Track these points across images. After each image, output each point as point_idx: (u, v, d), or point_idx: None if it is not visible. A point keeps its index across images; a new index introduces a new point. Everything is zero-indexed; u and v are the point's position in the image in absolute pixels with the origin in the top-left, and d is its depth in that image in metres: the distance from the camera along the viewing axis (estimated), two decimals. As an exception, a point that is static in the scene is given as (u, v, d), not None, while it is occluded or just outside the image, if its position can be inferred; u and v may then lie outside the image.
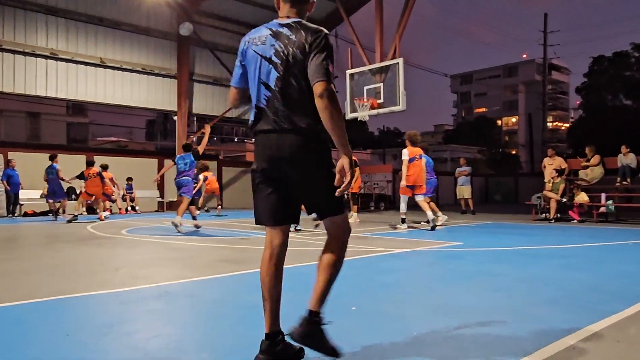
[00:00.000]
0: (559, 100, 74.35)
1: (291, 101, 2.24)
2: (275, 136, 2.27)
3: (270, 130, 2.28)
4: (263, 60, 2.30)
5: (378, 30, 14.88)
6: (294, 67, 2.24)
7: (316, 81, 2.16)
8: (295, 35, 2.27)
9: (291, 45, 2.25)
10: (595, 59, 36.65)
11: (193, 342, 2.66)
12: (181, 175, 9.45)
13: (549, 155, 13.76)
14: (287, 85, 2.25)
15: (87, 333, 2.80)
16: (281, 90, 2.25)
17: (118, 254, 6.18)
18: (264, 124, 2.31)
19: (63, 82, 16.18)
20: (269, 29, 2.34)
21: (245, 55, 2.38)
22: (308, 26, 2.32)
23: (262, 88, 2.31)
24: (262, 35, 2.34)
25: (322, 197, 2.32)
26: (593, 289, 3.99)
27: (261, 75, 2.31)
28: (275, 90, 2.27)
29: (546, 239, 8.13)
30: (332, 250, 2.42)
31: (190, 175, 9.58)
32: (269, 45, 2.30)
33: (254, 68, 2.34)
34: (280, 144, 2.25)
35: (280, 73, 2.26)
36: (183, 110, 18.70)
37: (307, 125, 2.23)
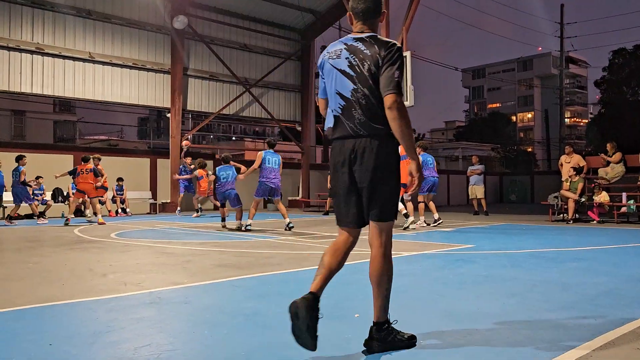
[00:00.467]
0: (577, 95, 74.20)
1: (366, 110, 2.57)
2: (350, 141, 2.60)
3: (346, 137, 2.63)
4: (338, 73, 2.64)
5: (384, 22, 14.86)
6: (369, 79, 2.55)
7: (387, 93, 2.48)
8: (370, 49, 2.57)
9: (366, 59, 2.56)
10: (615, 52, 36.54)
11: (186, 352, 2.66)
12: (226, 188, 10.72)
13: (566, 152, 13.73)
14: (362, 95, 2.57)
15: (72, 342, 2.80)
16: (356, 100, 2.58)
17: (107, 258, 6.19)
18: (339, 131, 2.66)
19: (49, 78, 16.22)
20: (344, 44, 2.67)
21: (323, 69, 2.75)
22: (381, 40, 2.60)
23: (337, 98, 2.65)
24: (337, 50, 2.68)
25: (383, 200, 2.60)
26: (611, 294, 3.97)
27: (337, 86, 2.65)
28: (351, 100, 2.60)
29: (563, 241, 8.11)
30: (381, 265, 2.65)
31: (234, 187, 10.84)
32: (343, 59, 2.63)
33: (330, 80, 2.69)
34: (356, 149, 2.58)
35: (355, 84, 2.58)
36: (177, 107, 18.72)
37: (381, 131, 2.56)
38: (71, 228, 11.09)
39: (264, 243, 7.94)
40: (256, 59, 21.52)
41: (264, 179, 9.77)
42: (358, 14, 2.69)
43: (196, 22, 19.33)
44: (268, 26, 21.67)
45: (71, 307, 3.67)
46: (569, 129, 64.41)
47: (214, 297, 4.04)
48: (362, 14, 2.68)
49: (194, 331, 3.03)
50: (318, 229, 10.56)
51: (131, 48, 18.02)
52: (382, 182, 2.58)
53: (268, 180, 9.75)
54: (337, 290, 4.25)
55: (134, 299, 3.92)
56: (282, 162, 10.17)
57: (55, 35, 16.36)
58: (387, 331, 2.64)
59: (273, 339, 2.85)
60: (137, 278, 4.79)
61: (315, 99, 27.28)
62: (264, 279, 4.75)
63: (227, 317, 3.33)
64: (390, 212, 2.64)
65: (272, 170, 9.83)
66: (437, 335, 2.91)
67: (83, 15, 16.94)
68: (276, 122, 22.60)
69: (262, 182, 9.80)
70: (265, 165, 9.76)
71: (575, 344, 2.67)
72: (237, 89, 20.87)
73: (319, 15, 21.98)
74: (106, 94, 17.50)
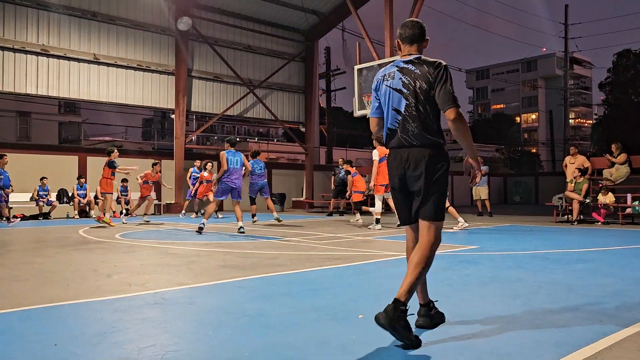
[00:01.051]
0: (582, 95, 74.01)
1: (418, 122, 2.93)
2: (405, 151, 2.97)
3: (401, 146, 2.99)
4: (394, 92, 3.02)
5: (388, 23, 14.87)
6: (421, 95, 2.92)
7: (448, 108, 2.85)
8: (419, 69, 2.95)
9: (417, 78, 2.93)
10: (619, 53, 36.42)
11: (191, 352, 2.65)
12: (262, 179, 11.98)
13: (570, 153, 13.71)
14: (415, 110, 2.94)
15: (77, 343, 2.81)
16: (410, 114, 2.95)
17: (111, 259, 6.19)
18: (395, 142, 3.02)
19: (55, 79, 16.29)
20: (396, 67, 3.05)
21: (379, 90, 3.12)
22: (428, 61, 2.97)
23: (394, 114, 3.02)
24: (391, 72, 3.06)
25: (434, 202, 2.93)
26: (617, 296, 3.95)
27: (393, 103, 3.02)
28: (405, 115, 2.96)
29: (568, 242, 8.08)
30: (423, 251, 2.89)
31: (265, 177, 12.07)
32: (397, 79, 3.01)
33: (386, 99, 3.06)
34: (410, 157, 2.94)
35: (409, 101, 2.95)
36: (181, 108, 18.76)
37: (432, 142, 2.92)
38: (75, 228, 11.12)
39: (268, 244, 7.95)
40: (260, 60, 21.55)
41: (225, 179, 9.58)
42: (406, 40, 3.09)
43: (200, 24, 19.36)
44: (272, 27, 21.70)
45: (76, 308, 3.67)
46: (573, 130, 64.17)
47: (218, 298, 4.04)
48: (409, 39, 3.08)
49: (199, 332, 3.03)
50: (322, 230, 10.56)
51: (135, 49, 18.08)
52: (434, 186, 2.92)
53: (229, 180, 9.56)
54: (341, 291, 4.24)
55: (138, 299, 3.92)
56: (244, 160, 9.96)
57: (61, 36, 16.42)
58: (404, 312, 2.74)
59: (277, 339, 2.85)
60: (141, 279, 4.80)
61: (319, 100, 27.32)
62: (268, 280, 4.75)
63: (231, 318, 3.33)
64: (441, 212, 2.95)
65: (234, 170, 9.66)
66: (442, 337, 2.91)
67: (88, 17, 16.99)
68: (280, 123, 22.62)
69: (223, 182, 9.59)
70: (229, 165, 9.59)
71: (580, 346, 2.66)
72: (241, 90, 20.90)
73: (322, 17, 21.99)
74: (111, 96, 17.55)
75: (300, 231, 10.27)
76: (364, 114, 14.44)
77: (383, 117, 3.13)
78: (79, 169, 16.83)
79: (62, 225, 12.37)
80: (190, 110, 19.78)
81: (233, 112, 20.95)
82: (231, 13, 20.44)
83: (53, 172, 15.97)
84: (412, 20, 3.12)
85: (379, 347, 2.71)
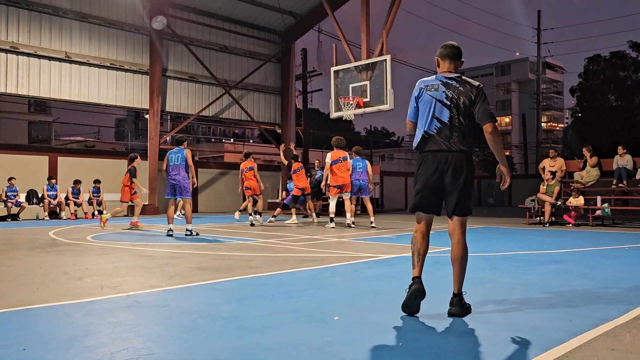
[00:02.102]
0: (554, 100, 75.48)
1: (459, 132, 3.44)
2: (444, 154, 3.44)
3: (440, 150, 3.44)
4: (437, 102, 3.46)
5: (364, 25, 14.94)
6: (462, 109, 3.43)
7: (487, 122, 3.43)
8: (463, 87, 3.46)
9: (460, 94, 3.44)
10: (590, 58, 37.23)
11: (164, 356, 2.63)
12: (362, 176, 12.01)
13: (550, 156, 13.75)
14: (457, 121, 3.43)
15: (47, 347, 2.75)
16: (452, 124, 3.43)
17: (83, 261, 6.09)
18: (433, 145, 3.46)
19: (24, 77, 15.95)
20: (440, 80, 3.51)
21: (422, 98, 3.53)
22: (469, 81, 3.51)
23: (435, 121, 3.46)
24: (434, 84, 3.51)
25: (465, 200, 3.49)
26: (587, 296, 4.04)
27: (435, 112, 3.46)
28: (447, 124, 3.43)
29: (540, 243, 8.23)
30: (464, 244, 3.50)
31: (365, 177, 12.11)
32: (441, 92, 3.47)
33: (428, 107, 3.48)
34: (449, 160, 3.43)
35: (452, 112, 3.43)
36: (155, 109, 18.55)
37: (467, 149, 3.48)
38: (45, 230, 10.90)
39: (244, 246, 7.91)
40: (236, 61, 21.46)
41: (167, 176, 9.66)
42: (445, 57, 3.57)
43: (175, 23, 19.19)
44: (248, 28, 21.62)
45: (46, 311, 3.60)
46: (545, 134, 65.49)
47: (192, 301, 4.00)
48: (449, 57, 3.56)
49: (172, 335, 3.00)
50: (298, 232, 10.55)
51: (109, 48, 17.82)
52: (466, 187, 3.46)
53: (169, 176, 9.58)
54: (317, 293, 4.25)
55: (110, 302, 3.86)
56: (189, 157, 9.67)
57: (31, 34, 16.10)
58: (462, 298, 3.45)
59: (252, 342, 2.83)
60: (114, 281, 4.73)
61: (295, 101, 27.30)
62: (244, 282, 4.73)
63: (205, 321, 3.30)
64: (469, 209, 3.51)
65: (174, 167, 9.58)
66: (416, 338, 2.93)
67: (59, 14, 16.69)
68: (256, 124, 22.55)
69: (167, 180, 9.65)
70: (169, 163, 9.67)
71: (552, 346, 2.71)
72: (217, 90, 20.78)
73: (299, 18, 22.00)
74: (83, 95, 17.26)
75: (276, 233, 10.25)
76: (340, 116, 14.51)
77: (417, 121, 3.60)
78: (49, 170, 16.50)
79: (32, 227, 12.11)
80: (164, 111, 19.58)
81: (209, 112, 20.80)
82: (207, 13, 20.31)
83: (22, 172, 15.62)
84: (452, 42, 3.61)
85: (355, 349, 2.71)
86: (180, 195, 9.50)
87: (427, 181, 3.50)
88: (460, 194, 3.46)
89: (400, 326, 3.17)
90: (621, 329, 3.07)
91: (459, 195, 3.46)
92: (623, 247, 7.59)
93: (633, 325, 3.16)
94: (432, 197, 3.52)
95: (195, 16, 19.93)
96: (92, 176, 16.55)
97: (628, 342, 2.82)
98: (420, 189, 3.53)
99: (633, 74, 35.63)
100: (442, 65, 3.59)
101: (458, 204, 3.48)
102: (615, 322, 3.20)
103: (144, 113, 19.25)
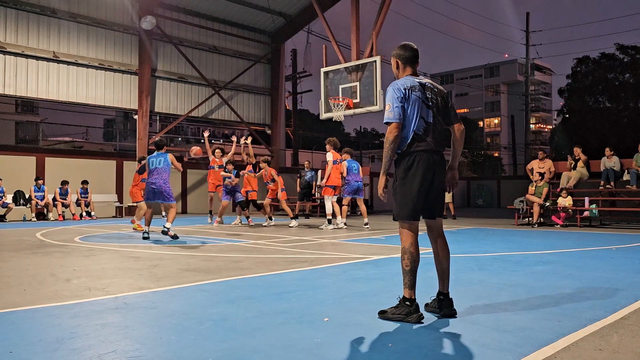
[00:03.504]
0: (542, 101, 76.07)
1: (439, 132, 3.49)
2: (433, 155, 3.43)
3: (430, 150, 3.42)
4: (422, 103, 3.44)
5: (354, 27, 14.97)
6: (441, 110, 3.51)
7: (457, 122, 3.58)
8: (436, 89, 3.55)
9: (437, 95, 3.52)
10: (578, 60, 37.54)
11: (152, 358, 2.61)
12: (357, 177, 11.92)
13: (539, 157, 13.82)
14: (438, 121, 3.48)
15: (34, 350, 2.72)
16: (434, 124, 3.46)
17: (71, 263, 6.04)
18: (423, 145, 3.41)
19: (11, 77, 15.77)
20: (418, 82, 3.49)
21: (409, 99, 3.42)
22: (436, 84, 3.62)
23: (421, 121, 3.42)
24: (415, 86, 3.46)
25: (444, 200, 3.62)
26: (575, 296, 4.07)
27: (421, 113, 3.43)
28: (431, 124, 3.44)
29: (529, 244, 8.28)
30: (447, 246, 3.57)
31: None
32: (421, 93, 3.46)
33: (415, 108, 3.42)
34: (436, 160, 3.43)
35: (434, 113, 3.47)
36: (144, 109, 18.43)
37: (443, 150, 3.52)
38: (32, 231, 10.80)
39: (233, 247, 7.88)
40: (226, 61, 21.39)
41: (149, 182, 9.19)
42: (411, 60, 3.58)
43: (164, 23, 19.09)
44: (238, 28, 21.56)
45: (33, 313, 3.56)
46: (534, 135, 65.97)
47: (181, 302, 3.98)
48: (414, 61, 3.58)
49: (161, 337, 2.98)
50: (288, 233, 10.54)
51: (97, 48, 17.68)
52: (444, 185, 3.53)
53: (149, 181, 9.15)
54: (306, 294, 4.24)
55: (98, 304, 3.83)
56: (175, 161, 9.22)
57: (18, 33, 15.92)
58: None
59: (241, 344, 2.83)
60: (101, 283, 4.69)
61: (285, 102, 27.26)
62: (233, 284, 4.71)
63: (194, 323, 3.29)
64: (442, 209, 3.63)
65: (155, 171, 9.13)
66: (405, 339, 2.94)
67: (47, 14, 16.54)
68: (246, 125, 22.48)
69: (147, 185, 9.22)
70: (150, 167, 9.23)
71: (540, 346, 2.73)
72: (207, 91, 20.70)
73: (289, 19, 21.98)
74: (71, 95, 17.10)
75: (266, 234, 10.23)
76: (330, 117, 14.52)
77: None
78: (36, 170, 16.33)
79: (19, 228, 11.99)
80: (153, 111, 19.45)
81: (198, 113, 20.71)
82: (197, 13, 20.22)
83: (9, 173, 15.46)
84: (412, 44, 3.60)
85: (344, 350, 2.72)
86: (162, 200, 9.10)
87: (425, 182, 3.40)
88: (444, 194, 3.56)
89: (389, 327, 3.17)
90: (609, 329, 3.10)
91: (444, 196, 3.57)
92: (610, 248, 7.66)
93: (620, 325, 3.19)
94: (437, 199, 3.49)
95: (185, 16, 19.85)
96: (80, 177, 16.43)
97: (615, 342, 2.84)
98: (421, 191, 3.39)
99: (620, 75, 35.98)
100: (408, 68, 3.58)
101: (441, 204, 3.56)
102: (603, 323, 3.22)
103: (132, 113, 19.12)
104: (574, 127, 36.21)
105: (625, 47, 35.20)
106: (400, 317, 3.26)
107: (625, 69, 35.41)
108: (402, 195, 3.41)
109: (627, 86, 35.18)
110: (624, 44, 35.36)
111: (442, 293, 3.48)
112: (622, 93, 35.34)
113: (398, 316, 3.28)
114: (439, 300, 3.48)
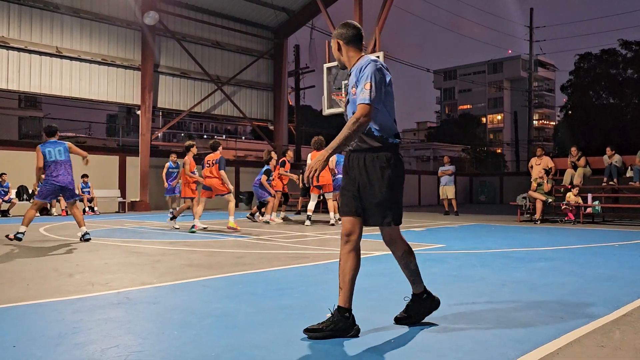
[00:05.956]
0: (545, 97, 75.83)
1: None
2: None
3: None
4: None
5: (357, 21, 14.94)
6: None
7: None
8: None
9: None
10: (581, 56, 37.36)
11: (155, 353, 2.62)
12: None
13: (537, 154, 13.95)
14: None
15: (37, 344, 2.73)
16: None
17: (73, 258, 6.06)
18: (397, 139, 3.02)
19: (14, 73, 15.80)
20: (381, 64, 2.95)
21: (390, 83, 2.97)
22: None
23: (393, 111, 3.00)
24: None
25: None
26: (577, 293, 4.07)
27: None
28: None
29: (531, 241, 8.27)
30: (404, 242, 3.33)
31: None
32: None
33: (393, 94, 2.98)
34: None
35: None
36: (147, 104, 18.44)
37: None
38: (36, 226, 10.82)
39: (236, 242, 7.89)
40: (228, 57, 21.37)
41: (48, 177, 7.82)
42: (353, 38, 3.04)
43: (167, 18, 19.08)
44: (241, 24, 21.54)
45: (36, 308, 3.57)
46: (537, 131, 65.78)
47: (183, 298, 3.99)
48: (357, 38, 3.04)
49: (163, 332, 2.99)
50: (290, 228, 10.54)
51: (100, 43, 17.69)
52: None
53: (52, 178, 7.78)
54: (308, 290, 4.25)
55: (101, 299, 3.84)
56: (73, 148, 8.13)
57: (21, 28, 15.94)
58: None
59: (243, 339, 2.83)
60: (104, 278, 4.70)
61: (288, 98, 27.22)
62: (235, 279, 4.72)
63: (196, 318, 3.29)
64: None
65: (57, 164, 7.82)
66: (406, 335, 2.94)
67: (50, 9, 16.54)
68: (248, 120, 22.49)
69: (47, 181, 7.84)
70: (47, 160, 7.77)
71: (542, 342, 2.73)
72: (209, 86, 20.70)
73: (292, 14, 21.94)
74: (74, 90, 17.13)
75: (268, 229, 10.24)
76: (333, 113, 14.51)
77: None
78: (39, 166, 16.35)
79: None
80: (156, 107, 19.48)
81: (200, 109, 20.73)
82: (199, 8, 20.20)
83: (13, 168, 15.50)
84: (353, 21, 3.10)
85: (346, 346, 2.72)
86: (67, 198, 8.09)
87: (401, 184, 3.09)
88: None
89: (390, 323, 3.17)
90: (611, 325, 3.09)
91: None
92: (613, 245, 7.64)
93: (622, 322, 3.18)
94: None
95: (188, 12, 19.83)
96: (83, 172, 16.44)
97: (618, 338, 2.84)
98: (399, 195, 3.07)
99: (623, 71, 35.81)
100: (354, 48, 3.04)
101: None
102: (605, 319, 3.22)
103: (135, 109, 19.14)
104: (577, 124, 36.06)
105: (629, 43, 35.01)
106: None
107: (628, 64, 35.24)
108: (400, 195, 3.05)
109: (630, 82, 35.02)
110: (628, 40, 35.18)
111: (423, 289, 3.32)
112: (626, 89, 35.17)
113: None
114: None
